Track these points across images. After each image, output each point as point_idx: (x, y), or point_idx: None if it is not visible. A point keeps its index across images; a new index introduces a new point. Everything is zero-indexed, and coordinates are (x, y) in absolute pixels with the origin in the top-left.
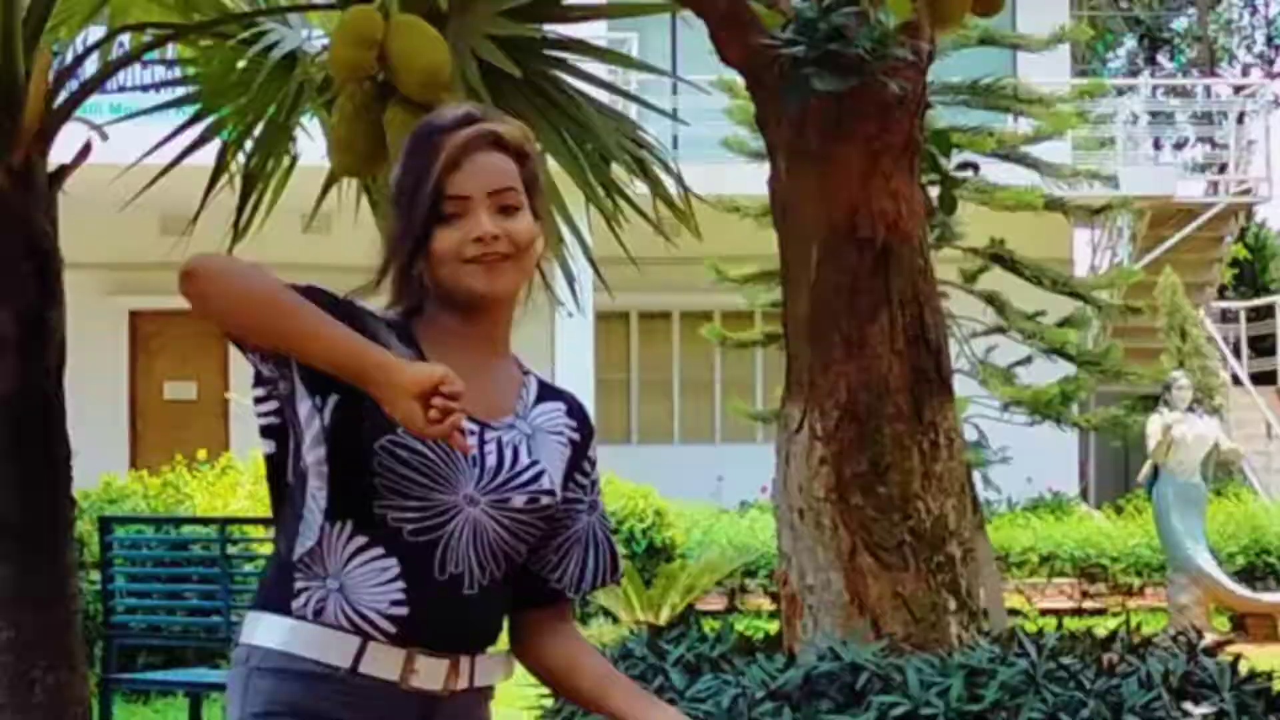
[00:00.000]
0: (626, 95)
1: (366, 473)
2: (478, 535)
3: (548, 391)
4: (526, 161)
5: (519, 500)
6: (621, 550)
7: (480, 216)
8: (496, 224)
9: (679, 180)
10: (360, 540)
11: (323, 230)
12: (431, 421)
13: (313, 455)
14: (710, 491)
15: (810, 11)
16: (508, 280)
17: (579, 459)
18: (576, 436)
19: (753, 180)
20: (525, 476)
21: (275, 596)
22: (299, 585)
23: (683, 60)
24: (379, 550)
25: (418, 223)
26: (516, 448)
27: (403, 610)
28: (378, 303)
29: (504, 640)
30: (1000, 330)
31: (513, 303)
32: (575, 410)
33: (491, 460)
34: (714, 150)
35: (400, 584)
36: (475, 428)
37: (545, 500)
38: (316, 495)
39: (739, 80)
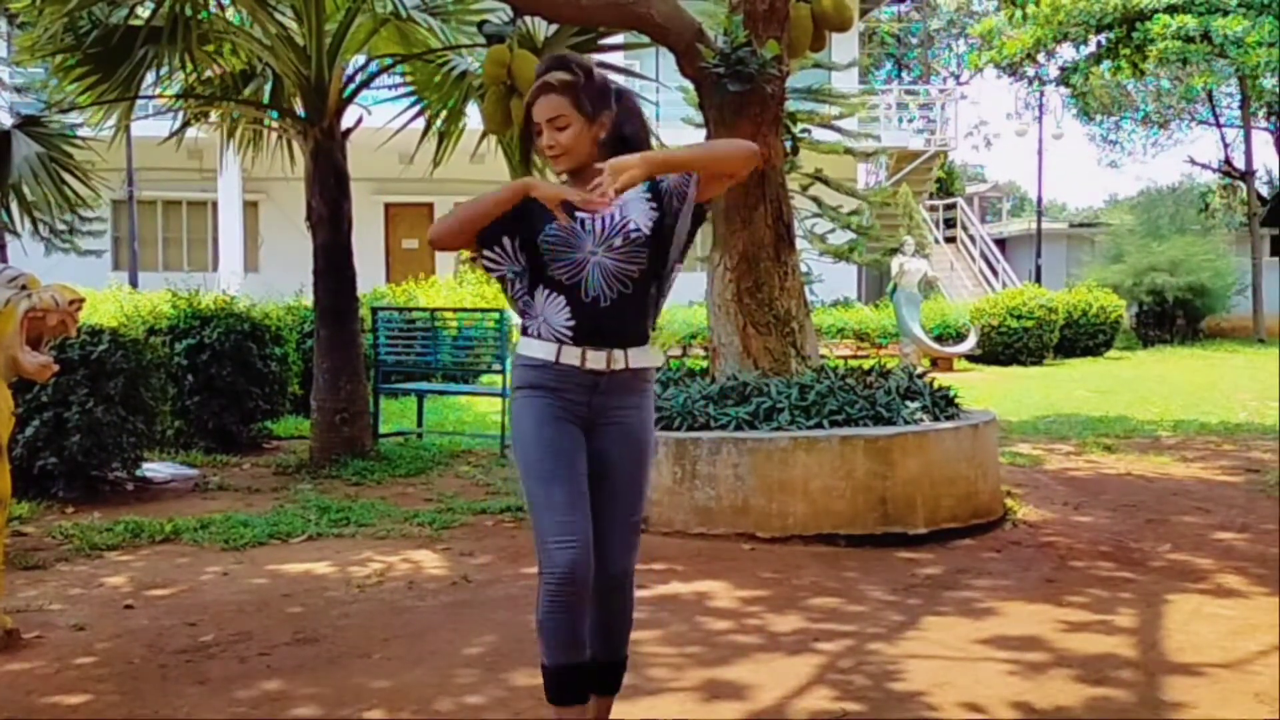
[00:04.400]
0: (631, 91)
1: (539, 254)
2: (603, 270)
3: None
4: (569, 90)
5: (618, 241)
6: None
7: (545, 134)
8: (551, 138)
9: (658, 138)
10: (546, 292)
11: (479, 160)
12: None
13: (519, 265)
14: (674, 295)
15: (727, 49)
16: (564, 164)
17: (659, 185)
18: (648, 185)
19: (697, 136)
20: (618, 227)
21: (522, 330)
22: (527, 323)
23: (664, 72)
24: (554, 293)
25: (531, 137)
26: (614, 215)
27: (571, 323)
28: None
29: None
30: (819, 215)
31: (584, 166)
32: (649, 181)
33: (599, 227)
34: (678, 121)
35: (568, 310)
36: (588, 214)
37: (634, 234)
38: (523, 283)
39: (690, 84)
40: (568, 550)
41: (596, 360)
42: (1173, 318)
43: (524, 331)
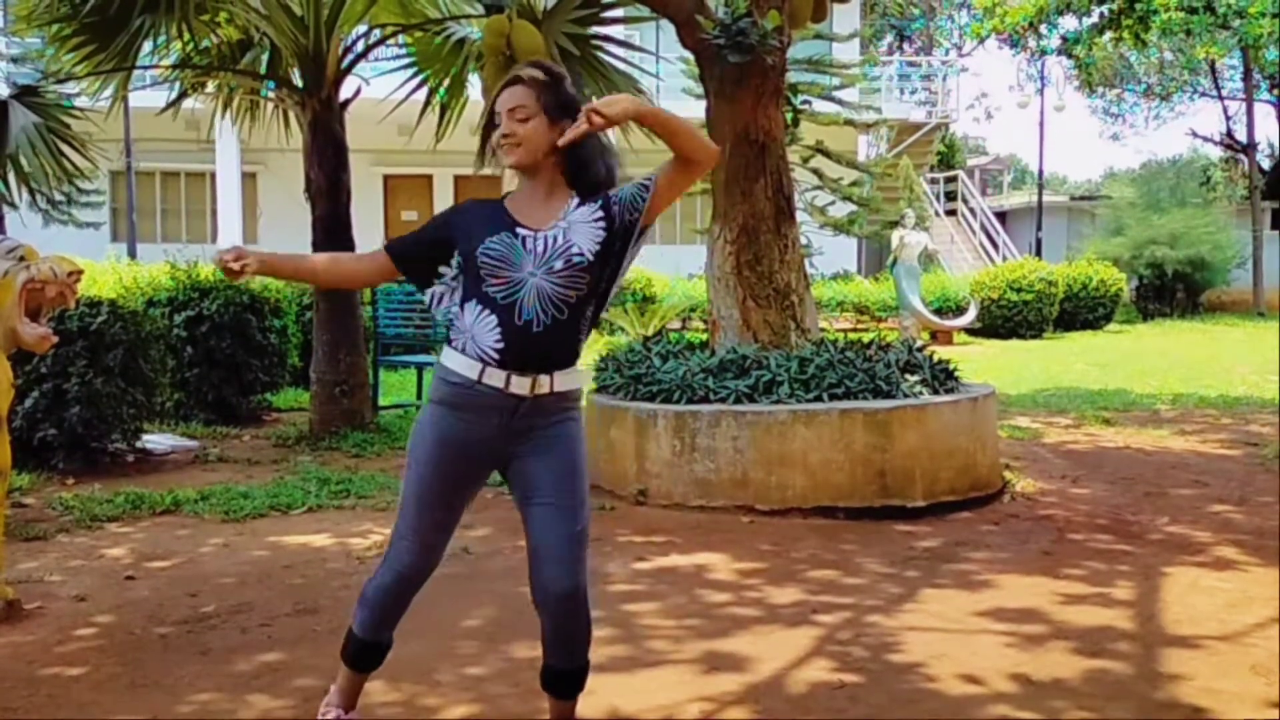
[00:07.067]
0: (631, 64)
1: (477, 269)
2: (539, 294)
3: (590, 200)
4: (536, 86)
5: (558, 265)
6: (626, 298)
7: (504, 123)
8: (510, 127)
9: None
10: (478, 309)
11: (479, 132)
12: None
13: (452, 277)
14: (674, 268)
15: (727, 20)
16: (517, 155)
17: (610, 204)
18: (600, 203)
19: (697, 109)
20: (560, 250)
21: (447, 341)
22: (452, 335)
23: (664, 44)
24: (485, 311)
25: (489, 126)
26: (556, 237)
27: (500, 345)
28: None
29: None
30: (819, 187)
31: (539, 166)
32: (602, 197)
33: (540, 248)
34: (679, 93)
35: (498, 331)
36: (531, 232)
37: (575, 259)
38: (454, 297)
39: (690, 55)
40: (415, 556)
41: (520, 385)
42: (1172, 291)
43: (449, 342)
